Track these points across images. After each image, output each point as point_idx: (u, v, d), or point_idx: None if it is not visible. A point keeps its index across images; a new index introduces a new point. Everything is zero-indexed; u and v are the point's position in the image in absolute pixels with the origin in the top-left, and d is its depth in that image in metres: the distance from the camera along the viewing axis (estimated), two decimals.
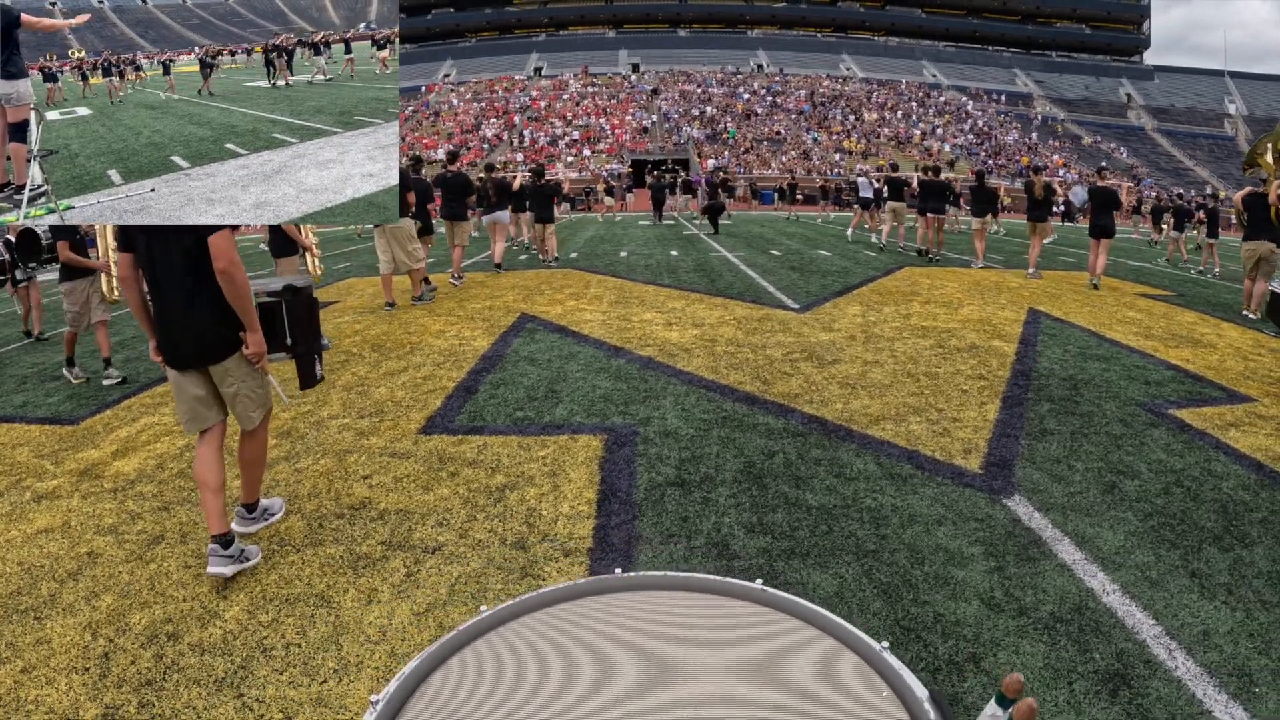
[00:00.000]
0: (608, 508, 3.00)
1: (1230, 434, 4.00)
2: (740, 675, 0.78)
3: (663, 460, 3.51)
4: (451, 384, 4.87)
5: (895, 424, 3.99)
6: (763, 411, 4.24)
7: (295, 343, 2.90)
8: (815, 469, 3.40)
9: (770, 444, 3.72)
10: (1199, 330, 6.86)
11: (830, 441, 3.74)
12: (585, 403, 4.39)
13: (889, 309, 7.29)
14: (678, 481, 3.26)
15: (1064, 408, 4.31)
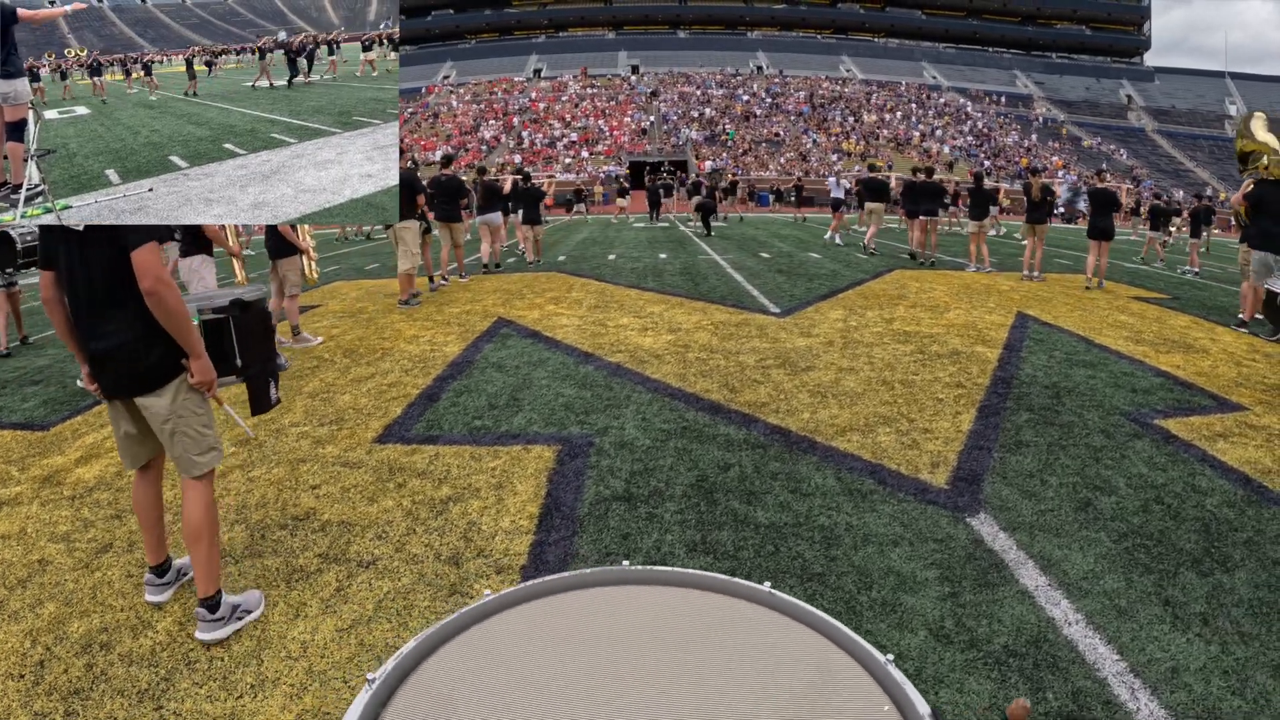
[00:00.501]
0: (549, 523, 2.89)
1: (1218, 445, 3.81)
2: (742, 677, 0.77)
3: (613, 473, 3.38)
4: (415, 391, 4.75)
5: (862, 435, 3.80)
6: (725, 421, 4.07)
7: (246, 364, 2.62)
8: (770, 484, 3.22)
9: (727, 456, 3.55)
10: (1192, 335, 6.66)
11: (791, 454, 3.56)
12: (545, 411, 4.27)
13: (872, 313, 7.11)
14: (625, 496, 3.13)
15: (1043, 418, 4.12)
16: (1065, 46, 66.18)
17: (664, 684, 0.76)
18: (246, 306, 2.60)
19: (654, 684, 0.76)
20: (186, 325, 2.18)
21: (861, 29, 65.93)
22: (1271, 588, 2.49)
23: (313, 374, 5.20)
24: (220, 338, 2.54)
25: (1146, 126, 54.95)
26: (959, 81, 58.40)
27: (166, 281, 2.14)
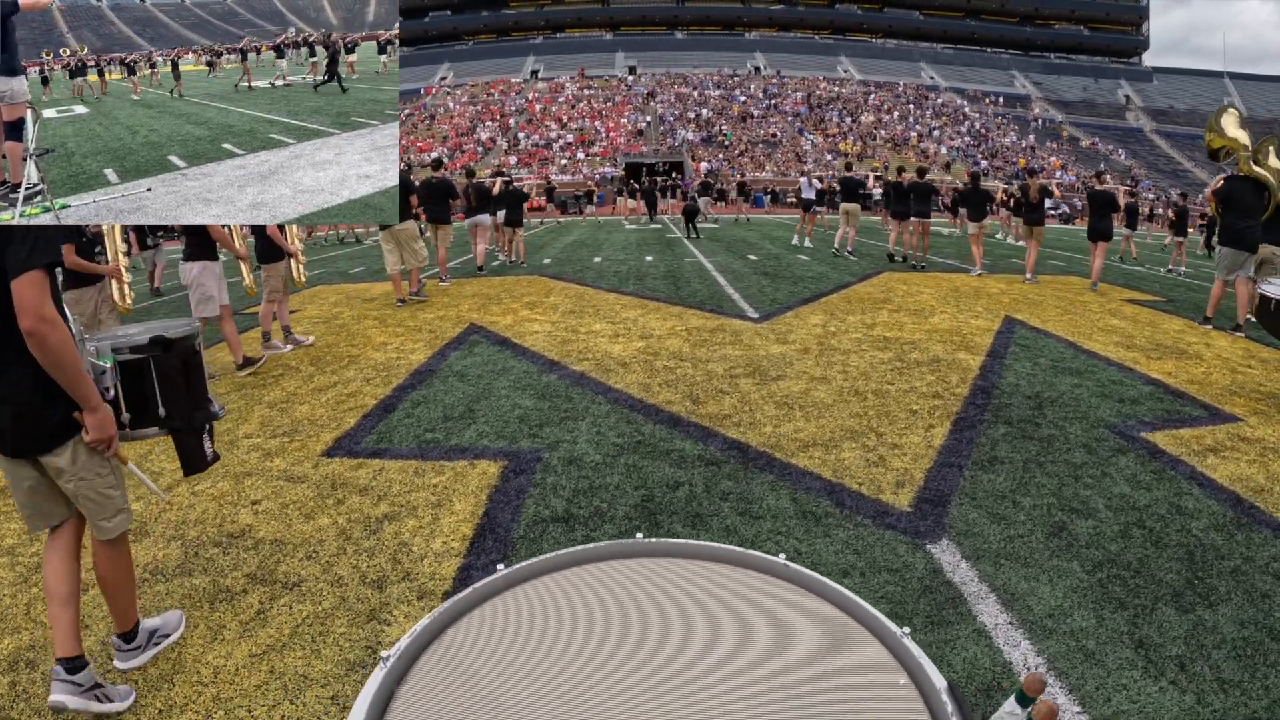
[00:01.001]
0: (480, 545, 2.74)
1: (1208, 461, 3.57)
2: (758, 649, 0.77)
3: (556, 491, 3.19)
4: (373, 401, 4.59)
5: (825, 451, 3.57)
6: (683, 435, 3.84)
7: (170, 414, 2.23)
8: (719, 505, 3.00)
9: (679, 474, 3.33)
10: (1186, 339, 6.43)
11: (746, 471, 3.34)
12: (499, 424, 4.09)
13: (854, 318, 6.87)
14: (564, 516, 2.95)
15: (1022, 431, 3.88)
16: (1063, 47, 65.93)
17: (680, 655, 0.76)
18: (170, 345, 2.25)
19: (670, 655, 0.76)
20: (74, 372, 1.84)
21: (859, 29, 65.73)
22: (1257, 625, 2.25)
23: (276, 383, 5.08)
24: (139, 383, 2.19)
25: (1145, 127, 54.71)
26: (957, 82, 58.18)
27: (50, 319, 1.80)
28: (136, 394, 2.18)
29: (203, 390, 2.37)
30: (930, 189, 11.22)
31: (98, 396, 1.91)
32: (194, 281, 5.34)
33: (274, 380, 5.15)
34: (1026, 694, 0.63)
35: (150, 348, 2.20)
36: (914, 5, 65.64)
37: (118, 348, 2.17)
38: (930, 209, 11.21)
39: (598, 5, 65.92)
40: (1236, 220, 6.89)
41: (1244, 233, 6.85)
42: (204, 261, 5.37)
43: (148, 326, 2.35)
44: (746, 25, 65.88)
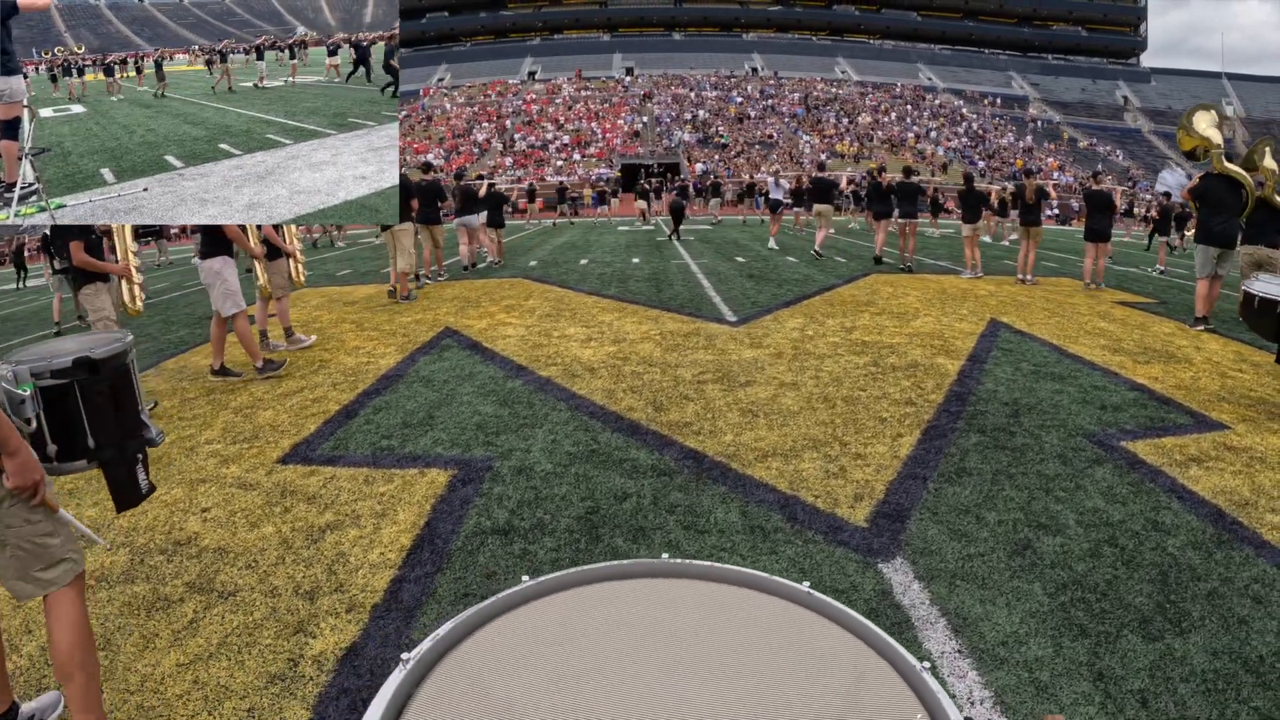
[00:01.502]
0: (416, 557, 2.67)
1: (1190, 472, 3.39)
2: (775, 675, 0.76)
3: (501, 502, 3.08)
4: (336, 407, 4.52)
5: (785, 461, 3.39)
6: (639, 444, 3.68)
7: (100, 444, 1.98)
8: (665, 519, 2.84)
9: (628, 485, 3.17)
10: (1176, 343, 6.24)
11: (699, 483, 3.17)
12: (456, 431, 3.99)
13: (834, 321, 6.70)
14: (504, 529, 2.85)
15: (995, 440, 3.70)
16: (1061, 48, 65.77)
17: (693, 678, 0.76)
18: (96, 367, 1.98)
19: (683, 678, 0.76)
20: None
21: (857, 30, 65.61)
22: (1231, 655, 2.08)
23: (244, 388, 5.04)
24: (64, 410, 1.94)
25: (1143, 127, 54.55)
26: (954, 83, 58.04)
27: None
28: (61, 423, 1.92)
29: (135, 415, 2.12)
30: (916, 189, 10.97)
31: (17, 438, 1.64)
32: (216, 277, 5.23)
33: (243, 386, 5.11)
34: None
35: (74, 370, 1.93)
36: (911, 6, 65.50)
37: (38, 372, 1.89)
38: (917, 209, 10.96)
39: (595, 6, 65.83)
40: (1211, 218, 6.86)
41: (1218, 230, 6.81)
42: (223, 257, 5.29)
43: (77, 343, 2.08)
44: (744, 26, 65.77)
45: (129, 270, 4.88)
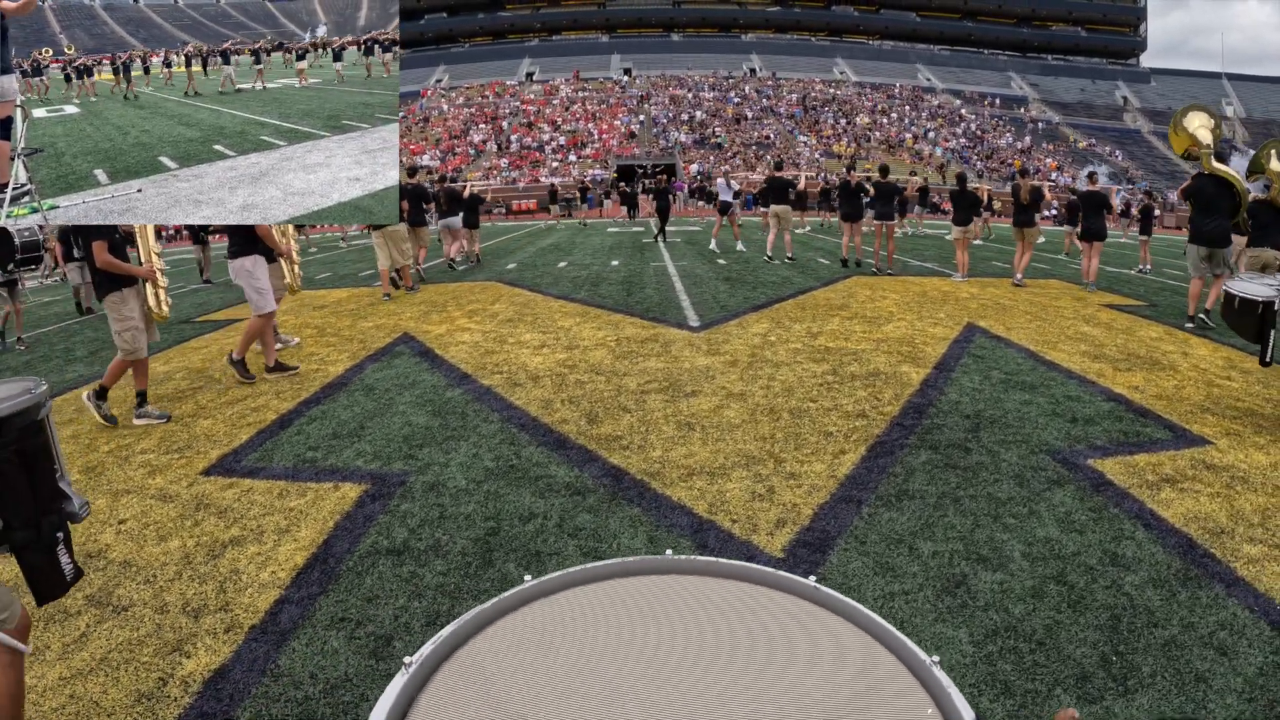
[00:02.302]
0: (306, 577, 2.56)
1: (1162, 495, 3.07)
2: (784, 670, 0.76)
3: (404, 520, 2.93)
4: (274, 416, 4.39)
5: (710, 480, 3.09)
6: (561, 459, 3.42)
7: (10, 524, 1.56)
8: (566, 543, 2.60)
9: (537, 505, 2.95)
10: (1162, 348, 5.91)
11: (612, 504, 2.91)
12: (381, 443, 3.83)
13: (800, 326, 6.38)
14: (399, 549, 2.71)
15: (947, 458, 3.37)
16: (1061, 48, 65.33)
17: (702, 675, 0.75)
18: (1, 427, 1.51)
19: (691, 675, 0.75)
20: None
21: (855, 31, 65.27)
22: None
23: (192, 396, 4.93)
24: None
25: (1142, 128, 54.10)
26: (953, 83, 57.68)
27: None
28: None
29: (53, 484, 1.66)
30: (893, 189, 10.50)
31: None
32: (247, 276, 5.20)
33: (192, 392, 5.00)
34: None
35: None
36: (910, 7, 65.12)
37: None
38: (894, 210, 10.50)
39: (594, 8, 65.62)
40: (1201, 218, 6.75)
41: (1209, 230, 6.66)
42: (254, 255, 5.23)
43: None
44: (742, 27, 65.48)
45: (154, 273, 4.62)
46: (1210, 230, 6.63)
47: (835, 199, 15.21)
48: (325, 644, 2.14)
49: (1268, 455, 3.55)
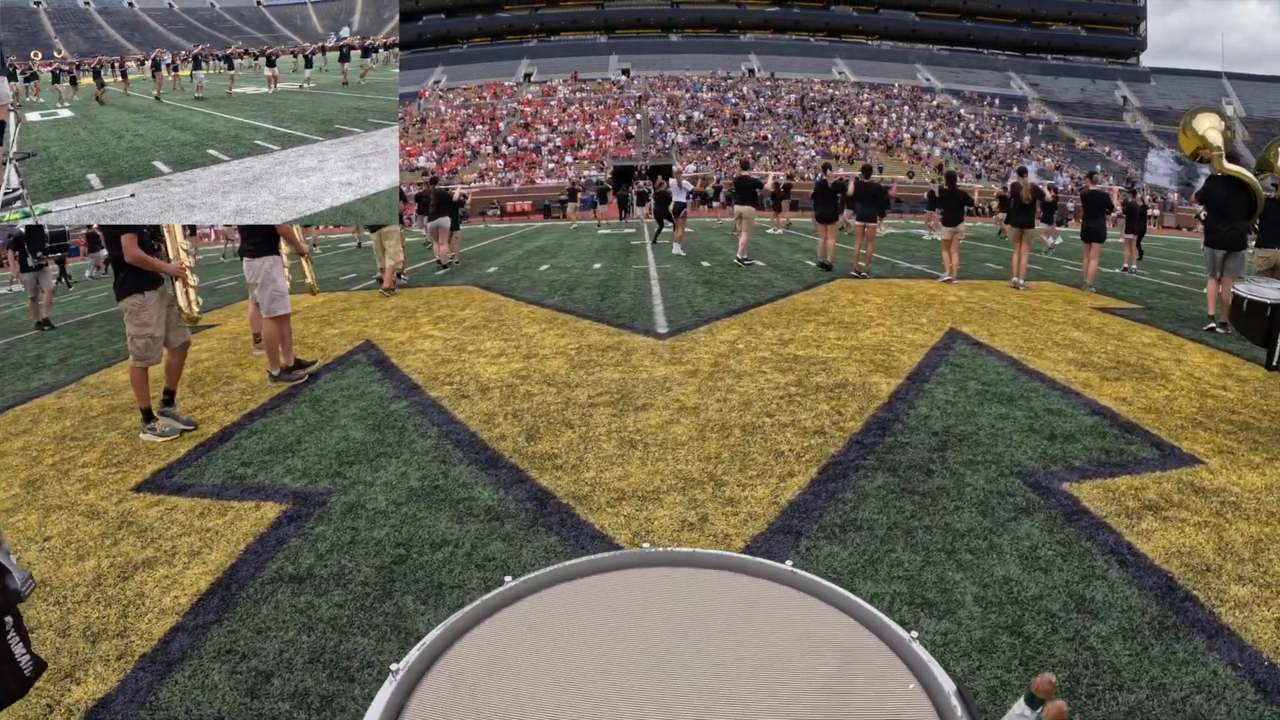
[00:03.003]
0: (205, 604, 2.44)
1: (1143, 524, 2.77)
2: (766, 655, 0.77)
3: (315, 544, 2.78)
4: (216, 429, 4.24)
5: (640, 506, 2.83)
6: (490, 480, 3.21)
7: None
8: (471, 575, 2.45)
9: (453, 531, 2.77)
10: (1155, 354, 5.60)
11: (530, 531, 2.69)
12: (314, 459, 3.66)
13: (772, 333, 6.08)
14: (302, 576, 2.56)
15: (905, 482, 3.07)
16: (1060, 48, 64.85)
17: (689, 664, 0.76)
18: None
19: (679, 664, 0.76)
20: None
21: (855, 31, 64.91)
22: None
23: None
24: None
25: (1142, 128, 53.67)
26: (953, 83, 57.30)
27: None
28: None
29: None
30: (876, 190, 10.08)
31: None
32: (264, 277, 5.04)
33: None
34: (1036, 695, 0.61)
35: None
36: (910, 6, 64.71)
37: None
38: (876, 212, 10.05)
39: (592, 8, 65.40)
40: (1215, 221, 6.60)
41: (1223, 233, 6.48)
42: (272, 256, 5.09)
43: None
44: (741, 27, 65.16)
45: (184, 271, 4.39)
46: (1225, 234, 6.43)
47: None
48: (207, 678, 2.04)
49: (1263, 476, 3.24)
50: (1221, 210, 6.45)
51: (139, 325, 4.03)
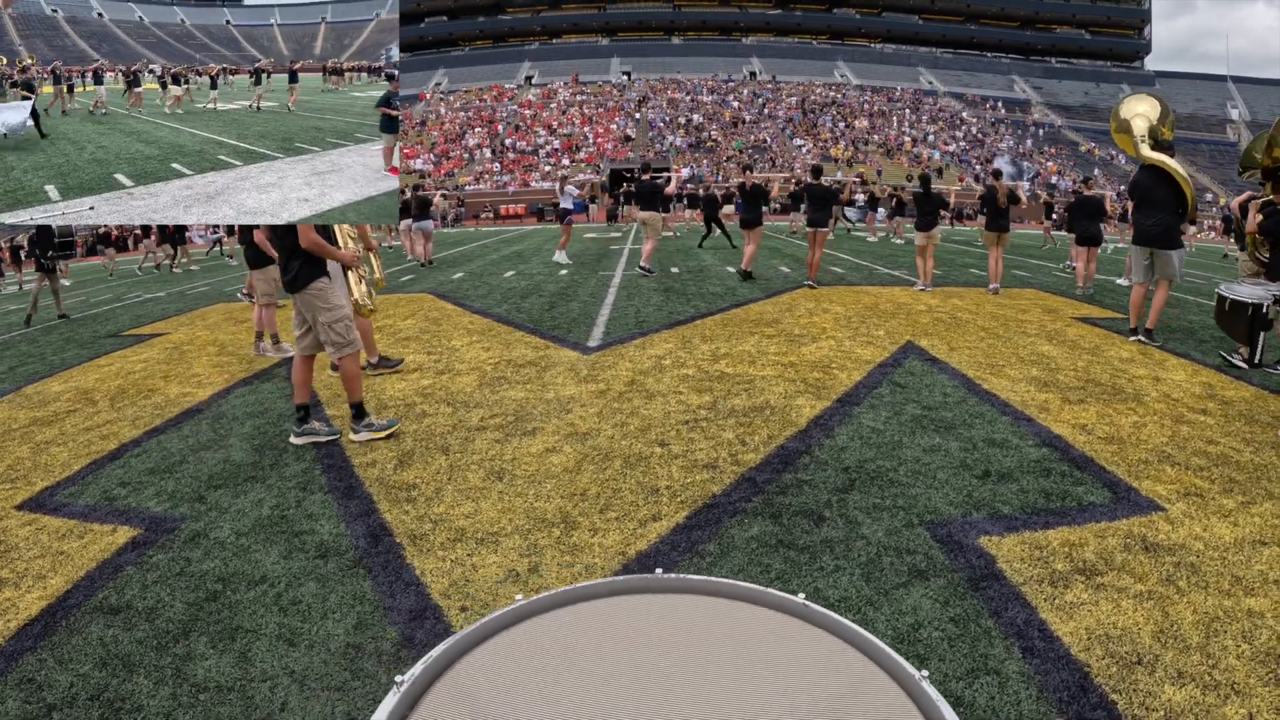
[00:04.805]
0: (29, 630, 2.29)
1: (1069, 595, 2.26)
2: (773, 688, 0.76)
3: (146, 574, 2.59)
4: (115, 445, 4.04)
5: (473, 549, 2.55)
6: (339, 511, 2.97)
7: None
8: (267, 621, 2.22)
9: (277, 568, 2.55)
10: (1131, 372, 5.06)
11: (349, 574, 2.48)
12: (188, 481, 3.44)
13: (708, 346, 5.59)
14: (119, 608, 2.38)
15: (787, 533, 2.57)
16: (1064, 51, 64.19)
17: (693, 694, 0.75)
18: None
19: (683, 693, 0.76)
20: None
21: (858, 34, 64.45)
22: None
23: (61, 420, 4.55)
24: None
25: None
26: (956, 87, 56.68)
27: None
28: None
29: None
30: (827, 193, 9.35)
31: None
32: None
33: (64, 416, 4.65)
34: None
35: None
36: (913, 10, 64.18)
37: None
38: (826, 216, 9.29)
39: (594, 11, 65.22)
40: (1139, 215, 5.91)
41: (1149, 228, 5.78)
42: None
43: None
44: (743, 30, 64.81)
45: (358, 259, 4.09)
46: (1150, 228, 5.72)
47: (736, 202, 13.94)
48: (2, 705, 1.96)
49: (1233, 528, 2.71)
50: (1144, 203, 5.79)
51: (331, 308, 3.57)
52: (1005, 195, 8.74)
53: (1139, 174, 5.97)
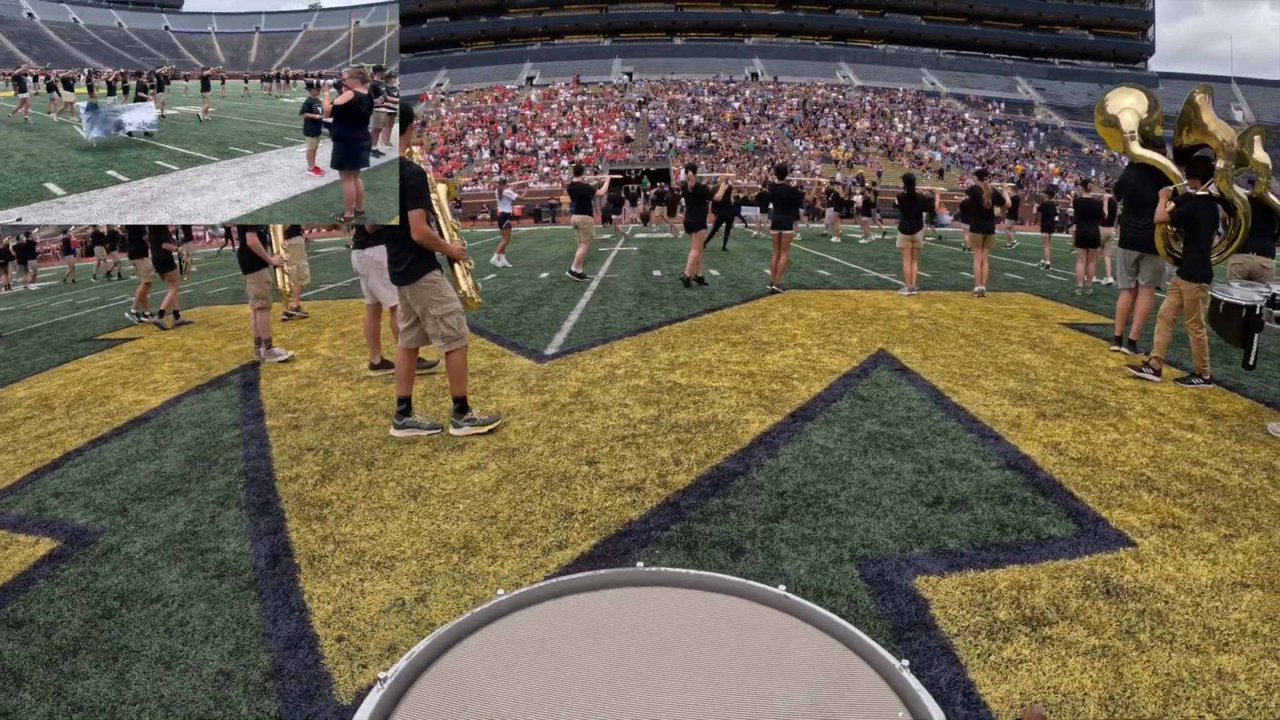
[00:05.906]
0: None
1: (1006, 650, 2.00)
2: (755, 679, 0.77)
3: (53, 589, 2.49)
4: (59, 454, 3.93)
5: (367, 574, 2.43)
6: (250, 529, 2.84)
7: None
8: (148, 644, 2.13)
9: (174, 587, 2.45)
10: (1117, 383, 4.78)
11: (238, 597, 2.37)
12: (117, 492, 3.32)
13: (669, 355, 5.34)
14: (19, 623, 2.29)
15: (699, 566, 2.23)
16: (1067, 52, 63.59)
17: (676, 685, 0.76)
18: None
19: (666, 685, 0.76)
20: None
21: (860, 35, 64.07)
22: None
23: (16, 428, 4.47)
24: None
25: None
26: (958, 88, 56.22)
27: None
28: None
29: None
30: (792, 193, 8.98)
31: None
32: (376, 267, 4.84)
33: (21, 423, 4.57)
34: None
35: None
36: (915, 10, 63.70)
37: None
38: (791, 218, 8.92)
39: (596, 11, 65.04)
40: (1126, 215, 5.66)
41: (1136, 230, 5.50)
42: (381, 246, 4.63)
43: None
44: (745, 31, 64.50)
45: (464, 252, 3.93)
46: (1138, 231, 5.44)
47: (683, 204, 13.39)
48: None
49: (1212, 567, 2.42)
50: (1133, 204, 5.51)
51: (443, 301, 3.44)
52: (990, 196, 8.50)
53: (1127, 173, 5.67)
